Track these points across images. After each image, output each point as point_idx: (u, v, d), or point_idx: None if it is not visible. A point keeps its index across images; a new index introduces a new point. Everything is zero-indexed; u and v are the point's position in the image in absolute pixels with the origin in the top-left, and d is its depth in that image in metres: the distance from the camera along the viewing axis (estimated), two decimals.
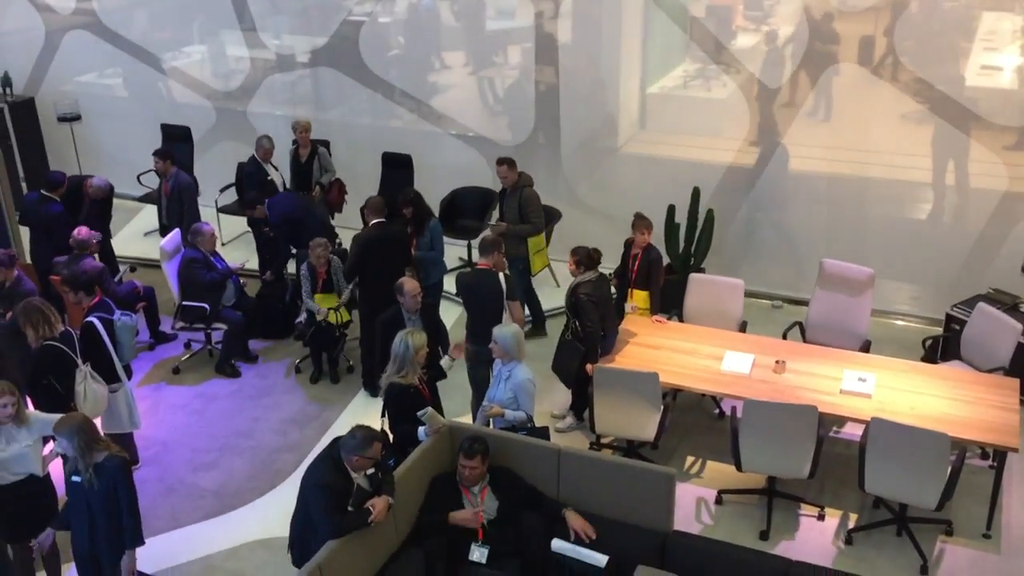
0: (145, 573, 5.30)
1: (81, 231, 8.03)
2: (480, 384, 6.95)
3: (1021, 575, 5.84)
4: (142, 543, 5.14)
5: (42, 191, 8.69)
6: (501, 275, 6.93)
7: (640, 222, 7.31)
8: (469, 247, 9.57)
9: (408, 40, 10.30)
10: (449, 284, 8.24)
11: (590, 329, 6.68)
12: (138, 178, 10.38)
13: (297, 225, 8.53)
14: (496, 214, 8.64)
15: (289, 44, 10.65)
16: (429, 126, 10.22)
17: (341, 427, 7.25)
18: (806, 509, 6.45)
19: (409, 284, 6.57)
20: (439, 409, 6.08)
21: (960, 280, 8.21)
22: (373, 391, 7.76)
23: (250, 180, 9.20)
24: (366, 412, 7.49)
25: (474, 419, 6.76)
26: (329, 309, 7.88)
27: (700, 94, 9.28)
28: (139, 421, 6.83)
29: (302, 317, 8.11)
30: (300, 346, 8.52)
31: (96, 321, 6.56)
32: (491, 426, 6.05)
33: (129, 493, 5.04)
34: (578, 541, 5.23)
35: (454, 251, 9.68)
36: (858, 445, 6.00)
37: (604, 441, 7.03)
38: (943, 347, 7.55)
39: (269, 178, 9.10)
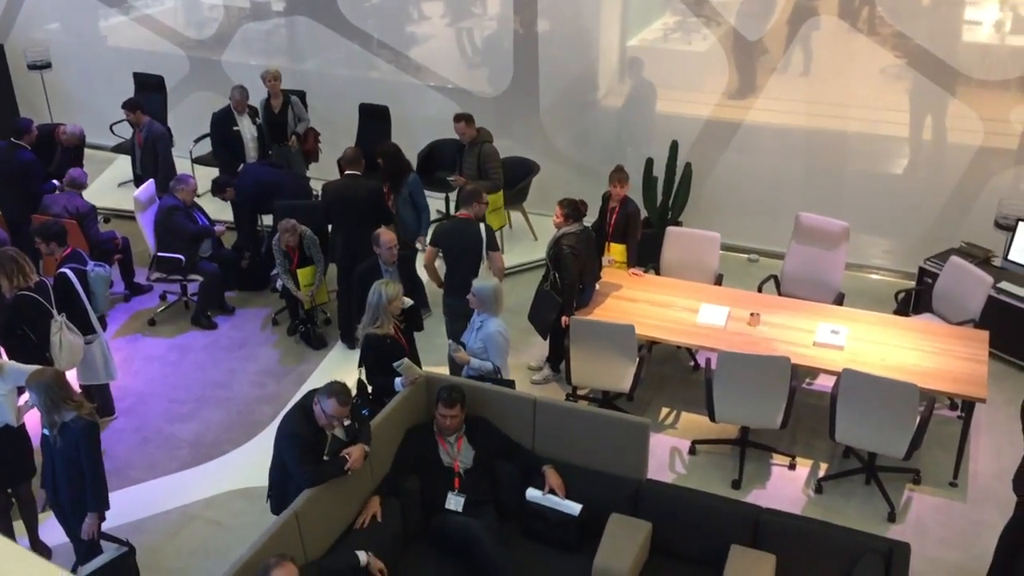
0: (107, 534, 5.28)
1: (74, 170, 8.05)
2: (457, 334, 6.97)
3: (986, 522, 5.97)
4: (106, 507, 5.08)
5: (11, 139, 8.55)
6: (482, 225, 6.93)
7: (616, 175, 7.29)
8: (447, 199, 9.53)
9: None
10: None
11: (568, 281, 6.70)
12: (111, 128, 10.23)
13: (266, 198, 8.40)
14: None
15: None
16: (407, 77, 10.11)
17: (318, 379, 7.27)
18: (778, 459, 6.55)
19: (385, 235, 6.55)
20: (416, 360, 6.10)
21: (933, 234, 8.28)
22: (351, 343, 7.76)
23: (217, 126, 9.05)
24: (343, 364, 7.51)
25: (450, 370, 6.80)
26: (309, 310, 7.87)
27: (680, 47, 9.22)
28: (115, 372, 6.82)
29: (278, 270, 8.03)
30: (276, 298, 8.49)
31: (69, 272, 6.50)
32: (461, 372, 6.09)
33: (92, 457, 4.94)
34: (551, 494, 5.30)
35: (432, 204, 9.60)
36: (829, 396, 6.09)
37: (580, 393, 7.08)
38: (915, 300, 7.64)
39: (235, 128, 8.95)
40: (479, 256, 6.78)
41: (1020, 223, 7.36)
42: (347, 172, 7.65)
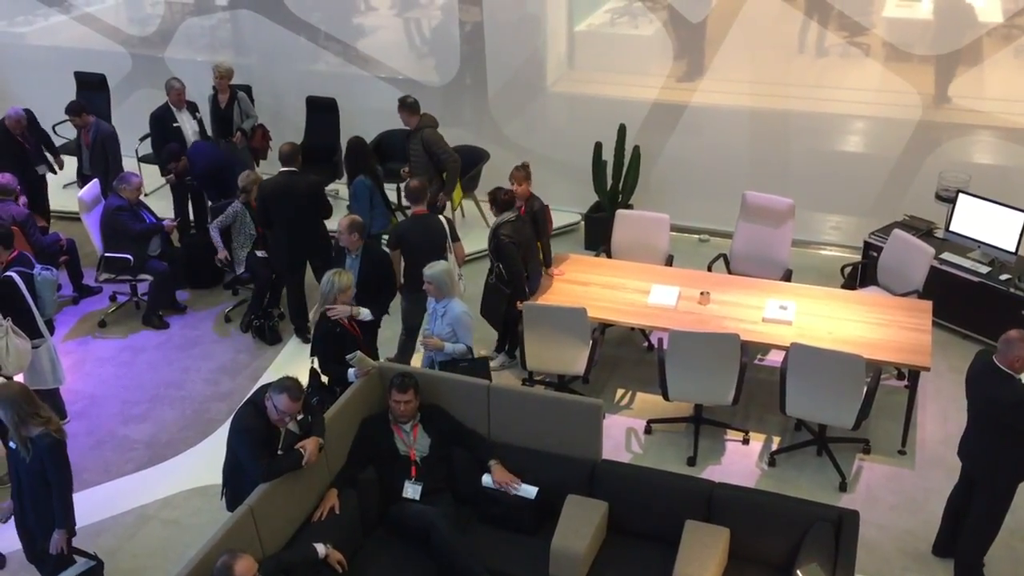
0: (80, 549, 5.20)
1: (4, 176, 7.84)
2: (413, 327, 7.00)
3: (934, 488, 6.10)
4: (73, 524, 4.98)
5: None
6: (443, 218, 6.94)
7: (515, 173, 7.11)
8: (398, 190, 9.51)
9: None
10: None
11: (514, 270, 6.72)
12: (53, 128, 10.04)
13: (220, 176, 8.36)
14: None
15: None
16: (355, 69, 10.07)
17: (273, 374, 7.20)
18: (731, 435, 6.65)
19: (341, 222, 6.58)
20: (369, 352, 6.11)
21: (877, 208, 8.43)
22: (304, 337, 7.73)
23: (156, 124, 8.94)
24: (298, 359, 7.46)
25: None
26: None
27: (627, 31, 9.28)
28: (63, 377, 6.71)
29: (241, 268, 7.91)
30: (229, 295, 8.45)
31: (15, 276, 6.40)
32: (423, 359, 6.12)
33: (59, 475, 4.84)
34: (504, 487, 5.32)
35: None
36: (779, 371, 6.18)
37: (536, 378, 7.12)
38: (861, 273, 7.78)
39: (175, 124, 8.84)
40: (443, 248, 6.82)
41: (960, 195, 7.51)
42: (283, 169, 7.55)
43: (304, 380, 5.75)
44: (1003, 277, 7.23)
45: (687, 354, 6.19)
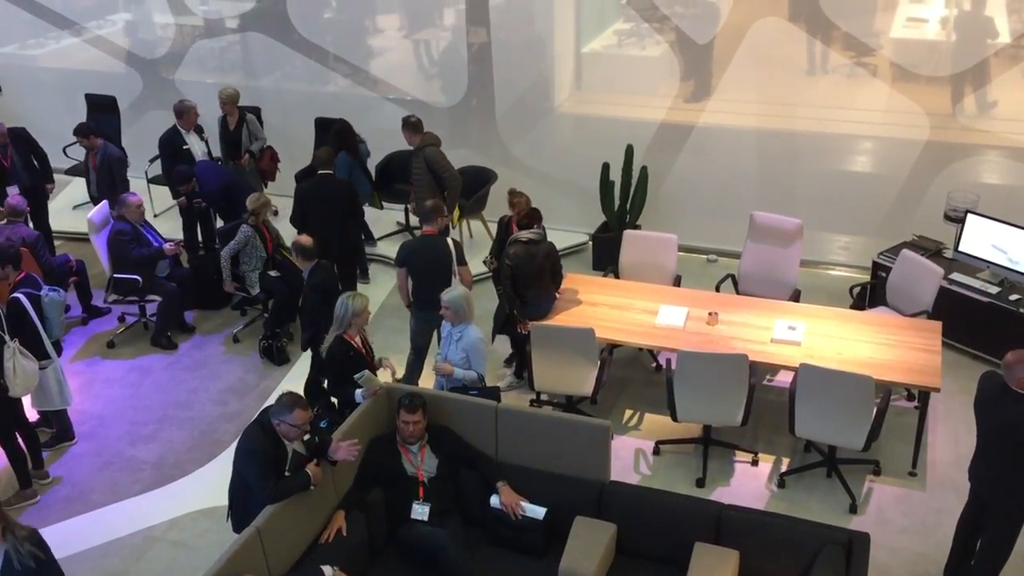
0: None
1: (14, 197, 7.90)
2: (421, 347, 7.00)
3: (946, 509, 6.05)
4: None
5: None
6: (450, 240, 6.96)
7: (517, 199, 7.11)
8: (406, 211, 9.55)
9: (339, 2, 10.15)
10: (387, 250, 8.29)
11: (499, 292, 6.71)
12: (64, 150, 10.12)
13: (230, 194, 8.42)
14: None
15: (216, 9, 10.42)
16: (363, 90, 10.12)
17: None
18: (740, 456, 6.61)
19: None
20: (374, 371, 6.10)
21: (886, 228, 8.41)
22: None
23: (166, 147, 9.00)
24: (305, 379, 7.45)
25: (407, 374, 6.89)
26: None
27: (635, 52, 9.31)
28: (70, 398, 6.71)
29: (256, 290, 7.93)
30: (238, 316, 8.46)
31: (22, 297, 6.42)
32: (437, 384, 6.10)
33: (52, 563, 4.42)
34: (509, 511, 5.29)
35: (391, 215, 9.67)
36: (788, 391, 6.15)
37: (544, 398, 7.10)
38: (870, 294, 7.76)
39: (185, 147, 8.90)
40: (449, 270, 6.82)
41: (969, 215, 7.49)
42: (320, 172, 7.98)
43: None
44: (1013, 297, 7.20)
45: (695, 375, 6.16)
